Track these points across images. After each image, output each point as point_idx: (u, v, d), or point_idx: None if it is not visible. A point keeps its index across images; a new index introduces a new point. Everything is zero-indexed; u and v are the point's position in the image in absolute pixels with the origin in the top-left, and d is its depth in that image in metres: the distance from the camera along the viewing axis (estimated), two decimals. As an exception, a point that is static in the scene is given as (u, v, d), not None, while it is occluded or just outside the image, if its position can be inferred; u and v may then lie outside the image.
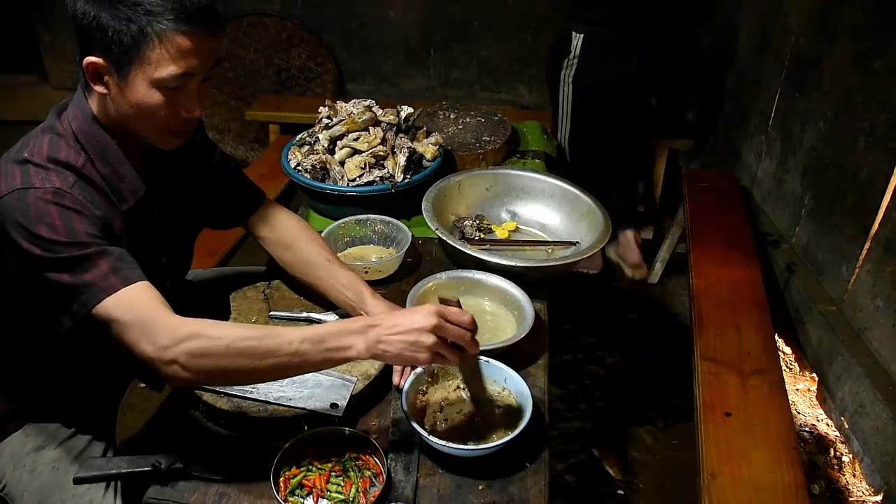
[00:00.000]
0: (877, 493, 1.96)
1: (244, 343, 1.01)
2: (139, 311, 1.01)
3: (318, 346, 1.02)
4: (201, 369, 1.00)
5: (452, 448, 1.10)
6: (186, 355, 0.99)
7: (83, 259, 1.02)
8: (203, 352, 0.99)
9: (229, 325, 1.05)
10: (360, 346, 1.03)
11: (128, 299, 1.02)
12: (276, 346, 1.01)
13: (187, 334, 0.99)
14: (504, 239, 1.78)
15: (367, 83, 4.36)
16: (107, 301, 1.01)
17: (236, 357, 1.00)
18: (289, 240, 1.42)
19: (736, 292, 2.20)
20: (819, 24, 2.44)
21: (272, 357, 1.01)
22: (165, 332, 0.99)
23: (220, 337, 1.00)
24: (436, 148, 1.89)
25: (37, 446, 1.30)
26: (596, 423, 2.43)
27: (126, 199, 1.17)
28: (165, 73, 1.05)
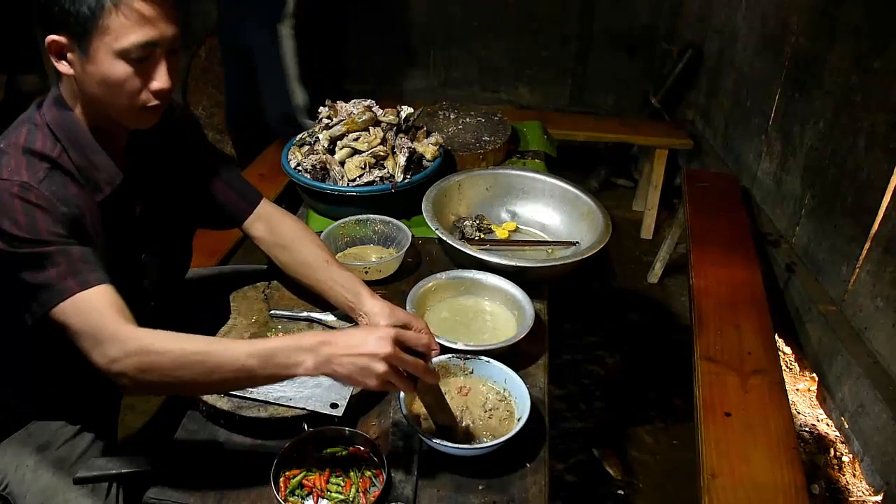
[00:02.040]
0: (877, 493, 1.96)
1: (191, 358, 1.00)
2: (91, 320, 1.01)
3: (266, 361, 1.00)
4: (148, 382, 1.01)
5: (452, 448, 1.10)
6: (134, 369, 0.99)
7: (42, 257, 1.01)
8: (150, 366, 1.00)
9: (180, 339, 1.02)
10: (308, 363, 1.01)
11: (82, 305, 1.01)
12: (223, 361, 1.00)
13: (136, 349, 0.99)
14: (504, 239, 1.78)
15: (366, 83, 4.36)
16: (63, 305, 1.01)
17: (183, 371, 1.00)
18: (286, 241, 1.41)
19: (736, 292, 2.20)
20: (819, 24, 2.44)
21: (219, 372, 1.00)
22: (115, 345, 0.99)
23: (167, 352, 1.00)
24: (436, 148, 1.88)
25: (39, 446, 1.29)
26: (596, 423, 2.43)
27: (101, 189, 1.14)
28: (128, 42, 1.02)
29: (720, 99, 3.42)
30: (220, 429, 1.18)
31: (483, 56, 4.24)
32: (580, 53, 4.15)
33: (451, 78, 4.34)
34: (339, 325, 1.37)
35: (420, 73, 4.35)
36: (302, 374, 1.02)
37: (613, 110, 4.27)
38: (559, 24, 4.08)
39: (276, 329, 1.36)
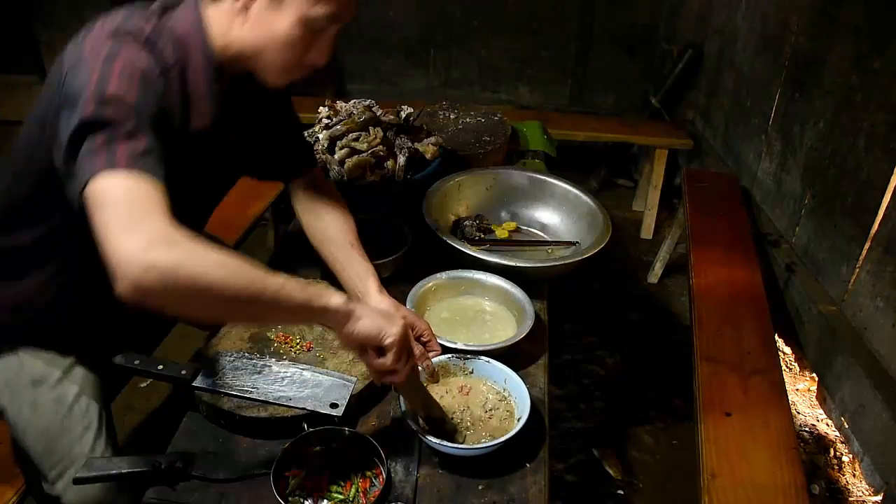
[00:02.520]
0: (877, 493, 1.96)
1: (235, 264, 0.90)
2: (138, 199, 0.90)
3: (303, 287, 0.97)
4: (180, 283, 0.85)
5: (451, 448, 1.10)
6: (168, 262, 0.84)
7: (119, 126, 0.93)
8: (185, 263, 0.85)
9: (223, 248, 0.93)
10: (339, 298, 1.00)
11: (134, 183, 0.91)
12: (265, 276, 0.93)
13: (178, 237, 0.88)
14: (504, 239, 1.78)
15: (366, 83, 4.36)
16: (115, 173, 0.90)
17: (225, 277, 0.88)
18: (321, 211, 1.41)
19: (736, 292, 2.20)
20: (819, 24, 2.44)
21: (259, 284, 0.92)
22: (156, 229, 0.87)
23: (212, 250, 0.89)
24: (436, 148, 1.88)
25: (34, 380, 1.28)
26: (596, 423, 2.43)
27: (196, 119, 1.11)
28: (321, 11, 1.05)
29: (720, 99, 3.42)
30: (220, 429, 1.18)
31: (483, 56, 4.24)
32: (580, 53, 4.15)
33: (451, 78, 4.34)
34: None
35: (420, 73, 4.35)
36: (332, 309, 0.99)
37: (613, 110, 4.27)
38: (559, 24, 4.08)
39: (276, 329, 1.36)
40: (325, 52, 1.12)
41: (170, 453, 1.10)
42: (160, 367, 1.21)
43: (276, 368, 1.23)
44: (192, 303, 0.89)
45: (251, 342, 1.32)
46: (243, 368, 1.22)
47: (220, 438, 1.16)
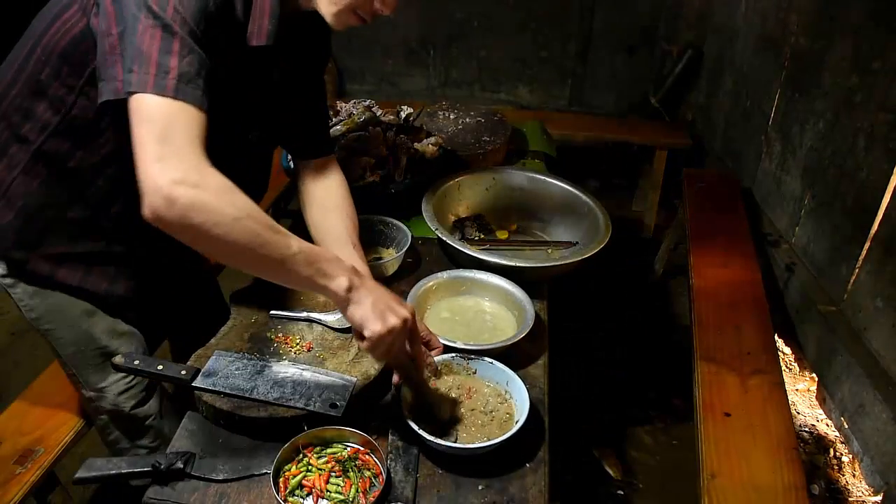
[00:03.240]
0: (877, 493, 1.96)
1: (249, 222, 0.94)
2: (175, 131, 0.92)
3: (311, 261, 1.00)
4: (195, 225, 0.91)
5: (450, 447, 1.10)
6: (190, 200, 0.89)
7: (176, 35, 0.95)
8: (206, 207, 0.90)
9: (248, 202, 0.96)
10: (343, 282, 1.02)
11: (174, 112, 0.93)
12: (276, 239, 0.97)
13: (206, 182, 0.91)
14: (504, 239, 1.78)
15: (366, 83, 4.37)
16: (154, 99, 0.92)
17: (234, 228, 0.93)
18: (327, 203, 1.40)
19: (736, 292, 2.20)
20: (819, 24, 2.44)
21: (267, 247, 0.96)
22: (185, 166, 0.90)
23: (233, 202, 0.93)
24: (436, 148, 1.88)
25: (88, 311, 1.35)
26: (596, 423, 2.43)
27: (255, 34, 1.11)
28: None
29: (720, 99, 3.42)
30: (220, 429, 1.18)
31: (483, 56, 4.24)
32: (580, 53, 4.15)
33: (451, 78, 4.35)
34: (340, 326, 1.37)
35: (420, 73, 4.35)
36: (331, 290, 1.02)
37: (613, 110, 4.27)
38: (559, 24, 4.08)
39: (276, 329, 1.37)
40: (392, 2, 1.13)
41: (170, 453, 1.10)
42: (160, 367, 1.21)
43: (276, 368, 1.23)
44: (204, 244, 0.95)
45: (251, 342, 1.32)
46: (243, 368, 1.22)
47: (220, 438, 1.16)
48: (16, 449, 1.60)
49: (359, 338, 1.07)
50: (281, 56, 1.24)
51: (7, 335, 2.81)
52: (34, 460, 1.57)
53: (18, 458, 1.57)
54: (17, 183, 1.21)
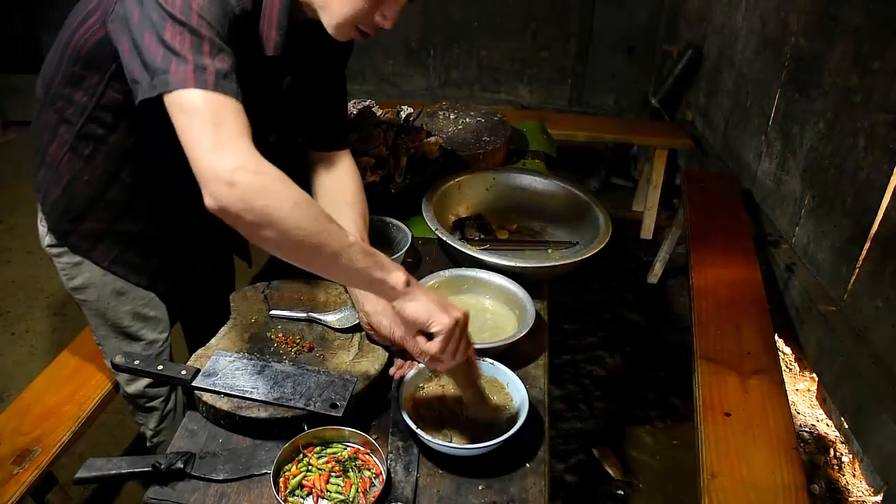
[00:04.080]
0: (877, 493, 1.96)
1: (308, 209, 0.95)
2: (227, 120, 0.94)
3: (368, 256, 1.00)
4: (251, 208, 0.91)
5: (450, 447, 1.10)
6: (250, 185, 0.91)
7: (205, 38, 0.97)
8: (267, 192, 0.92)
9: (302, 190, 0.97)
10: (402, 276, 1.02)
11: (221, 103, 0.95)
12: (335, 230, 0.98)
13: (264, 169, 0.93)
14: (504, 239, 1.78)
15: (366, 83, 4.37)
16: (201, 93, 0.94)
17: (294, 214, 0.93)
18: (340, 198, 1.40)
19: (736, 292, 2.20)
20: (819, 24, 2.44)
21: (324, 235, 0.96)
22: (242, 154, 0.93)
23: (293, 191, 0.95)
24: (436, 148, 1.88)
25: (117, 290, 1.42)
26: (596, 423, 2.43)
27: (265, 46, 1.14)
28: None
29: (720, 99, 3.42)
30: (220, 429, 1.18)
31: (483, 56, 4.24)
32: (580, 54, 4.16)
33: (451, 78, 4.35)
34: (340, 326, 1.36)
35: (420, 74, 4.35)
36: (389, 285, 1.02)
37: (613, 110, 4.28)
38: (559, 25, 4.09)
39: (276, 329, 1.36)
40: (392, 16, 1.13)
41: (170, 453, 1.10)
42: (160, 367, 1.21)
43: (277, 368, 1.22)
44: (261, 231, 0.94)
45: (251, 342, 1.32)
46: (243, 368, 1.22)
47: (220, 438, 1.16)
48: (13, 449, 1.60)
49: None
50: (291, 64, 1.27)
51: (7, 335, 2.81)
52: (32, 460, 1.57)
53: (16, 459, 1.57)
54: (66, 161, 1.29)
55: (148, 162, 1.30)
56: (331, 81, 1.43)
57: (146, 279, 1.45)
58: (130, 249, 1.40)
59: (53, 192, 1.33)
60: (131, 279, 1.43)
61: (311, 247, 0.96)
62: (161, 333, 1.52)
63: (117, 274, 1.41)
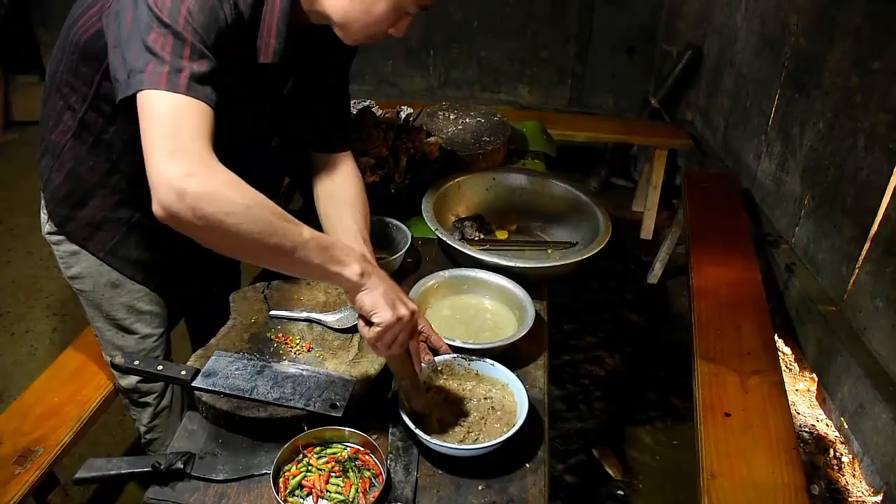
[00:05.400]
0: (877, 493, 1.96)
1: (260, 211, 0.95)
2: (184, 125, 0.94)
3: (324, 249, 1.01)
4: (207, 216, 0.91)
5: (449, 448, 1.10)
6: (200, 193, 0.90)
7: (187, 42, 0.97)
8: (218, 198, 0.91)
9: (257, 192, 0.97)
10: (356, 270, 1.03)
11: (184, 107, 0.95)
12: (287, 229, 0.98)
13: (215, 176, 0.93)
14: (504, 239, 1.78)
15: (366, 83, 4.37)
16: (165, 95, 0.94)
17: (246, 219, 0.93)
18: (342, 198, 1.40)
19: (736, 292, 2.20)
20: (819, 24, 2.44)
21: (278, 236, 0.96)
22: (195, 161, 0.92)
23: (243, 194, 0.94)
24: (436, 148, 1.88)
25: (112, 282, 1.44)
26: (596, 423, 2.43)
27: (262, 52, 1.15)
28: (418, 1, 1.13)
29: (720, 99, 3.42)
30: (220, 429, 1.18)
31: (483, 56, 4.24)
32: (580, 54, 4.16)
33: (451, 78, 4.35)
34: (340, 326, 1.37)
35: (420, 74, 4.35)
36: (345, 277, 1.03)
37: (613, 110, 4.28)
38: (559, 25, 4.09)
39: (276, 329, 1.37)
40: (404, 28, 1.20)
41: (170, 453, 1.10)
42: (160, 367, 1.21)
43: (277, 368, 1.23)
44: (216, 237, 0.95)
45: (251, 342, 1.32)
46: (243, 369, 1.22)
47: (220, 438, 1.16)
48: (15, 449, 1.61)
49: (366, 324, 1.06)
50: (292, 69, 1.28)
51: (7, 335, 2.81)
52: (34, 460, 1.58)
53: (18, 459, 1.58)
54: (69, 147, 1.31)
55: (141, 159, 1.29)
56: (333, 84, 1.43)
57: (140, 274, 1.46)
58: (127, 241, 1.41)
59: (55, 178, 1.35)
60: (126, 272, 1.44)
61: (266, 248, 0.97)
62: (156, 329, 1.53)
63: (112, 266, 1.42)
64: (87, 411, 1.73)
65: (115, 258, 1.42)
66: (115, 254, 1.42)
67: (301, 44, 1.24)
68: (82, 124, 1.27)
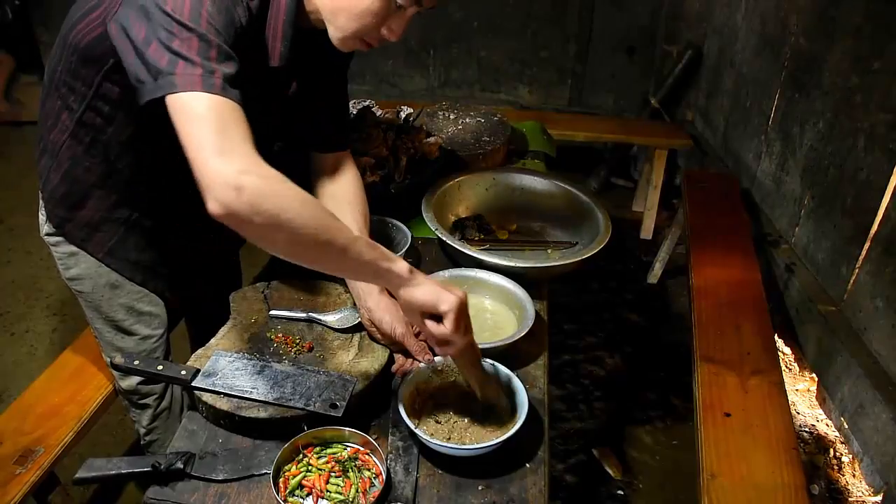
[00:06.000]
0: (876, 493, 1.96)
1: (312, 207, 0.96)
2: (230, 124, 0.94)
3: (373, 248, 1.03)
4: (266, 211, 0.91)
5: (450, 447, 1.10)
6: (257, 187, 0.90)
7: (212, 44, 0.98)
8: (273, 193, 0.92)
9: (303, 190, 0.97)
10: (404, 264, 1.05)
11: (225, 108, 0.95)
12: (341, 227, 0.99)
13: (267, 172, 0.93)
14: (504, 239, 1.78)
15: (366, 83, 4.37)
16: (205, 96, 0.94)
17: (299, 214, 0.93)
18: (342, 198, 1.41)
19: (736, 292, 2.21)
20: (819, 24, 2.44)
21: (330, 233, 0.97)
22: (246, 158, 0.92)
23: (296, 190, 0.95)
24: (436, 148, 1.88)
25: (112, 283, 1.44)
26: (596, 423, 2.43)
27: (270, 56, 1.16)
28: None
29: (720, 99, 3.42)
30: (219, 429, 1.18)
31: (483, 56, 4.24)
32: (580, 54, 4.16)
33: (451, 78, 4.35)
34: (340, 326, 1.37)
35: (420, 73, 4.35)
36: (395, 273, 1.04)
37: (613, 110, 4.28)
38: (559, 24, 4.09)
39: (276, 329, 1.37)
40: (399, 30, 1.15)
41: (170, 453, 1.10)
42: (160, 367, 1.21)
43: (276, 368, 1.23)
44: (271, 234, 0.95)
45: (251, 342, 1.32)
46: (243, 368, 1.22)
47: (220, 438, 1.16)
48: (16, 449, 1.61)
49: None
50: (296, 72, 1.28)
51: (7, 335, 2.81)
52: (34, 460, 1.58)
53: (18, 459, 1.58)
54: (66, 147, 1.30)
55: (145, 156, 1.30)
56: (333, 84, 1.43)
57: (140, 275, 1.45)
58: (126, 241, 1.41)
59: (53, 178, 1.35)
60: (125, 273, 1.44)
61: (321, 244, 0.97)
62: (155, 330, 1.52)
63: (111, 266, 1.42)
64: (87, 411, 1.74)
65: (115, 259, 1.42)
66: (114, 254, 1.41)
67: (305, 47, 1.24)
68: (80, 124, 1.27)
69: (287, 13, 1.14)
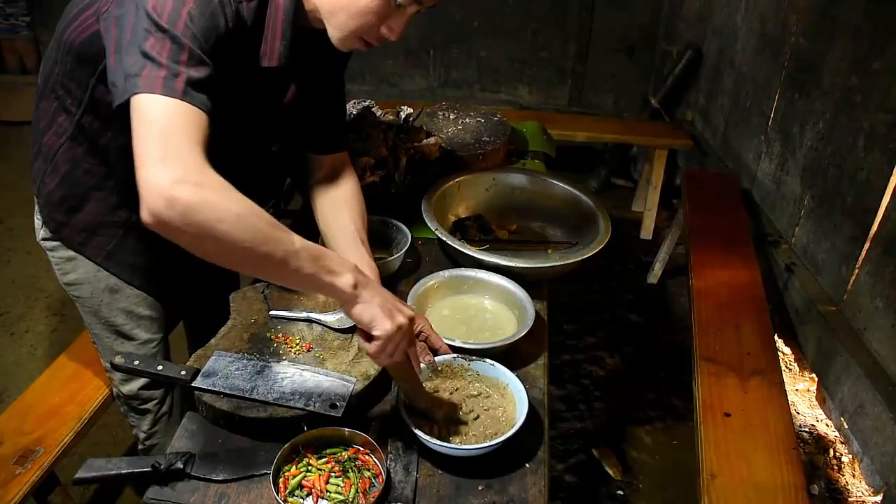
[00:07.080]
0: (876, 493, 1.96)
1: (252, 219, 0.93)
2: (176, 131, 0.92)
3: (316, 259, 0.99)
4: (197, 223, 0.89)
5: (449, 448, 1.10)
6: (192, 199, 0.88)
7: (185, 47, 0.96)
8: (209, 206, 0.89)
9: (249, 200, 0.94)
10: (348, 280, 1.01)
11: (178, 112, 0.93)
12: (279, 237, 0.95)
13: (207, 182, 0.91)
14: (504, 239, 1.78)
15: (366, 83, 4.37)
16: (158, 99, 0.93)
17: (237, 227, 0.91)
18: (339, 200, 1.40)
19: (736, 292, 2.21)
20: (819, 25, 2.44)
21: (269, 245, 0.94)
22: (186, 166, 0.90)
23: (235, 201, 0.92)
24: (436, 148, 1.88)
25: (111, 287, 1.43)
26: (596, 423, 2.43)
27: (266, 56, 1.15)
28: None
29: (720, 99, 3.42)
30: (220, 429, 1.18)
31: (483, 56, 4.24)
32: (580, 54, 4.16)
33: (451, 78, 4.35)
34: (340, 326, 1.37)
35: (420, 73, 4.35)
36: (338, 288, 1.01)
37: (613, 110, 4.28)
38: (559, 25, 4.09)
39: (276, 329, 1.37)
40: (399, 29, 1.14)
41: (170, 453, 1.10)
42: (160, 367, 1.22)
43: (276, 368, 1.23)
44: (206, 246, 0.93)
45: (251, 342, 1.32)
46: (243, 369, 1.22)
47: (220, 438, 1.16)
48: (16, 449, 1.61)
49: (365, 338, 1.06)
50: (295, 73, 1.27)
51: (7, 335, 2.81)
52: (34, 460, 1.58)
53: (18, 459, 1.58)
54: (63, 150, 1.29)
55: None
56: (331, 86, 1.43)
57: (138, 278, 1.45)
58: (124, 245, 1.40)
59: (49, 182, 1.33)
60: (124, 277, 1.43)
61: (259, 256, 0.94)
62: (155, 333, 1.52)
63: (110, 271, 1.41)
64: (87, 411, 1.74)
65: (113, 263, 1.41)
66: (112, 258, 1.41)
67: (303, 48, 1.23)
68: (79, 128, 1.26)
69: (286, 13, 1.13)
